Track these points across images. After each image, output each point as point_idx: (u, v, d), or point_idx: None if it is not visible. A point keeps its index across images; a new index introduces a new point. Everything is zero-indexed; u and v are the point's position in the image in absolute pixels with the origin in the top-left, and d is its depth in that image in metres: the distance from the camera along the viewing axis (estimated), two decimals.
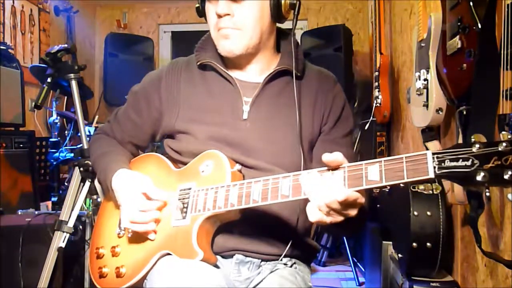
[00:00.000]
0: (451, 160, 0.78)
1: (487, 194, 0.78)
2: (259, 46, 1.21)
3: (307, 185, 0.93)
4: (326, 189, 0.89)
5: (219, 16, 1.15)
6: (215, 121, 1.20)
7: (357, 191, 0.89)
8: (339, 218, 0.92)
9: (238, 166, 1.13)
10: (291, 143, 1.18)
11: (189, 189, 1.14)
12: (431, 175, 0.80)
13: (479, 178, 0.76)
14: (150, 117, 1.29)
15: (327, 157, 0.92)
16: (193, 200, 1.11)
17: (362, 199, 0.92)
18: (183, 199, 1.14)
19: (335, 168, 0.93)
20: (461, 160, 0.77)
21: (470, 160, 0.77)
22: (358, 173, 0.89)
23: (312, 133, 1.23)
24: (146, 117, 1.30)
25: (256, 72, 1.25)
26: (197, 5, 1.24)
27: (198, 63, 1.25)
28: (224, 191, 1.06)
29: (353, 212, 0.92)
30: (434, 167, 0.80)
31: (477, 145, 0.76)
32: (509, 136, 0.73)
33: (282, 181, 0.98)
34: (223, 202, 1.05)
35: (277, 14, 1.19)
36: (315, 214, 0.91)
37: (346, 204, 0.90)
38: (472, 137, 0.77)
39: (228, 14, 1.15)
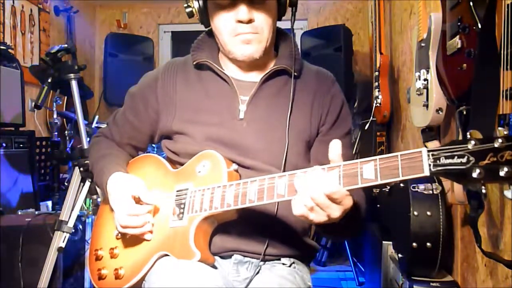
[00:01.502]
0: (447, 158, 0.77)
1: (483, 191, 0.77)
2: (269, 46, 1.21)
3: (298, 180, 0.92)
4: (317, 184, 0.89)
5: (241, 22, 1.13)
6: (212, 121, 1.20)
7: (349, 191, 0.89)
8: (322, 218, 0.91)
9: (234, 166, 1.12)
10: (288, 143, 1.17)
11: (186, 189, 1.14)
12: (426, 172, 0.79)
13: (474, 175, 0.75)
14: (148, 118, 1.29)
15: (336, 150, 0.92)
16: (190, 201, 1.11)
17: (349, 201, 0.92)
18: (180, 199, 1.13)
19: (330, 167, 0.92)
20: (456, 157, 0.76)
21: (466, 157, 0.76)
22: (353, 171, 0.88)
23: (309, 133, 1.22)
24: (143, 118, 1.29)
25: (254, 71, 1.24)
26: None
27: (195, 63, 1.25)
28: (221, 191, 1.06)
29: (336, 213, 0.91)
30: (430, 165, 0.79)
31: (473, 142, 0.75)
32: (505, 133, 0.73)
33: (278, 180, 0.98)
34: (220, 202, 1.05)
35: (283, 12, 1.19)
36: (299, 208, 0.91)
37: (332, 200, 0.89)
38: (468, 133, 0.76)
39: (252, 20, 1.13)
